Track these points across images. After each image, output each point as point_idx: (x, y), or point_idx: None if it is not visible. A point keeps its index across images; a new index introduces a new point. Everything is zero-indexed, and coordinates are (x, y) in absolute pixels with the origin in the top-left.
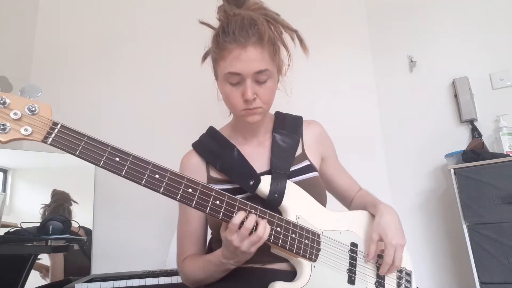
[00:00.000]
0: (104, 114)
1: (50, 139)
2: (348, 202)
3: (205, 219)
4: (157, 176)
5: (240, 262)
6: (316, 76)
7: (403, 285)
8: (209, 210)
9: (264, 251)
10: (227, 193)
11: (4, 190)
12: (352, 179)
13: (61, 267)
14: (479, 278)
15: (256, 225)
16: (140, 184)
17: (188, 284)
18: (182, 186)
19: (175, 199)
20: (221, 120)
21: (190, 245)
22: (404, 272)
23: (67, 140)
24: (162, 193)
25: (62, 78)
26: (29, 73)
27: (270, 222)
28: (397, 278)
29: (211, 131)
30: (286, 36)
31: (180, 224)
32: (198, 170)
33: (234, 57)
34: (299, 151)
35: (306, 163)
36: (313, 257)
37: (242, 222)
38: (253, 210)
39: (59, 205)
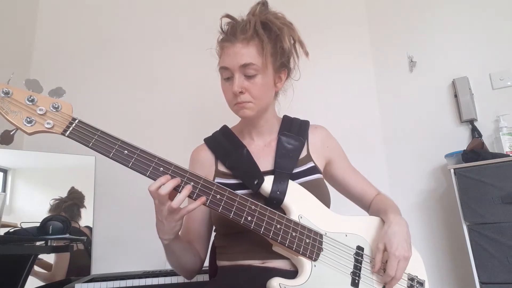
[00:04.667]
0: (104, 114)
1: (68, 132)
2: (366, 206)
3: (206, 214)
4: (161, 169)
5: (163, 233)
6: (316, 76)
7: None
8: (209, 203)
9: (264, 249)
10: (228, 188)
11: (4, 190)
12: (367, 182)
13: (65, 267)
14: (479, 278)
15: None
16: (145, 175)
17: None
18: (185, 179)
19: (178, 191)
20: (223, 121)
21: (183, 231)
22: (416, 281)
23: (82, 133)
24: None
25: (62, 78)
26: (28, 73)
27: (270, 219)
28: (408, 286)
29: (224, 129)
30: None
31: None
32: (207, 163)
33: (225, 53)
34: (303, 153)
35: (310, 165)
36: (314, 256)
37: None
38: (252, 206)
39: (74, 204)
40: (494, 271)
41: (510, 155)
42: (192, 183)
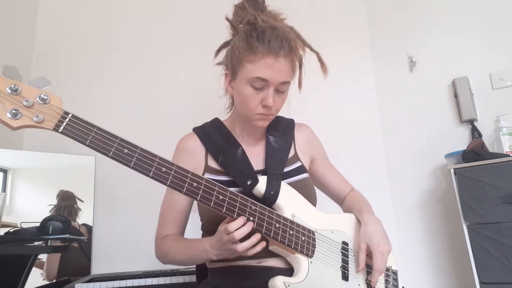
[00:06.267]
0: (105, 113)
1: (61, 128)
2: (340, 201)
3: (189, 205)
4: (164, 169)
5: (221, 256)
6: (316, 76)
7: (390, 282)
8: (213, 204)
9: None
10: (229, 189)
11: (4, 190)
12: (343, 179)
13: (55, 267)
14: (479, 278)
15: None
16: (148, 176)
17: (161, 261)
18: (188, 179)
19: (182, 192)
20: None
21: (171, 224)
22: (390, 270)
23: (78, 129)
24: (169, 186)
25: (63, 77)
26: (29, 73)
27: (270, 218)
28: (385, 276)
29: (217, 122)
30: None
31: (165, 203)
32: (196, 155)
33: (266, 64)
34: (291, 153)
35: (298, 164)
36: (310, 253)
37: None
38: (253, 206)
39: (60, 206)
40: (494, 271)
41: (510, 155)
42: (195, 183)
